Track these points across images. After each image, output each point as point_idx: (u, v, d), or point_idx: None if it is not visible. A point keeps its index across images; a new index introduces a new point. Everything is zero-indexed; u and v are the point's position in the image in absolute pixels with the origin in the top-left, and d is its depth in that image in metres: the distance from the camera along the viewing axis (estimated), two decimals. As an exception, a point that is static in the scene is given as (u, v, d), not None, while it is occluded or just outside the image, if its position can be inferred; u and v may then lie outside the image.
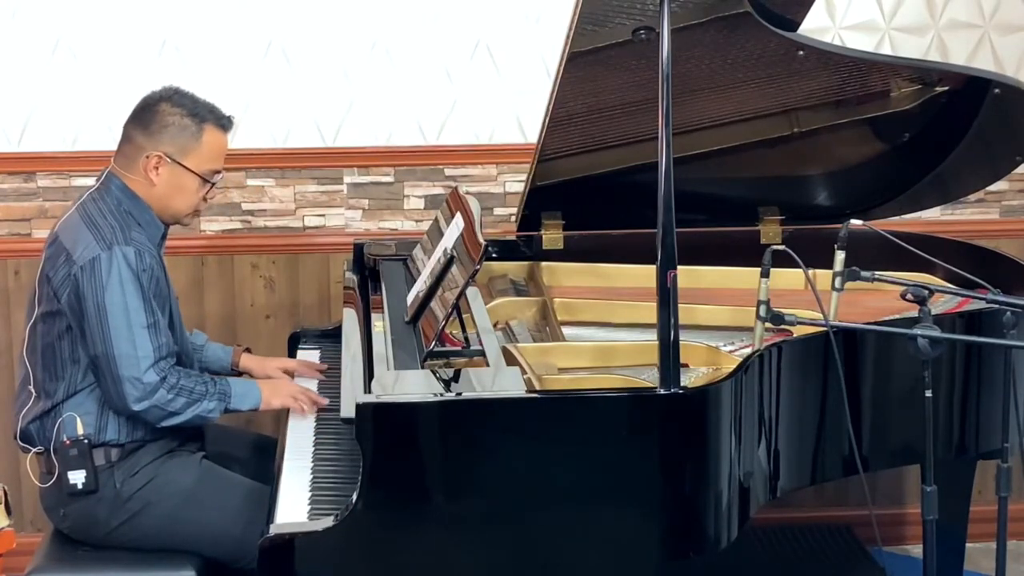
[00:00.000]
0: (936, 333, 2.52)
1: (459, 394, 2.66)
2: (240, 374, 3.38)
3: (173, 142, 2.99)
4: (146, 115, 3.01)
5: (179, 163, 2.99)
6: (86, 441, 2.92)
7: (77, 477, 2.93)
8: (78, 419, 2.94)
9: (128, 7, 3.79)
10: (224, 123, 3.05)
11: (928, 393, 2.55)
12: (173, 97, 3.03)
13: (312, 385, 3.25)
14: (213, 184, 3.05)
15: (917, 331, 2.53)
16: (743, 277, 3.45)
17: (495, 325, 3.11)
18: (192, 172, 3.00)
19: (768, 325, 2.78)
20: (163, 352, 2.92)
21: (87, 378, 2.95)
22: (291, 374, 3.33)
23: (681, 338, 2.64)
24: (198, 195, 3.04)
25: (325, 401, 3.10)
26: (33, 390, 3.01)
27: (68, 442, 2.92)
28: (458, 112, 3.92)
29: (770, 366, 2.81)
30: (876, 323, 3.00)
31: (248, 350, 3.44)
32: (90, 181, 3.11)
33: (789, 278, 3.08)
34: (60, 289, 2.93)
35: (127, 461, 2.97)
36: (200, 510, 2.96)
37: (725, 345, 3.08)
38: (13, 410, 3.10)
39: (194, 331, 3.41)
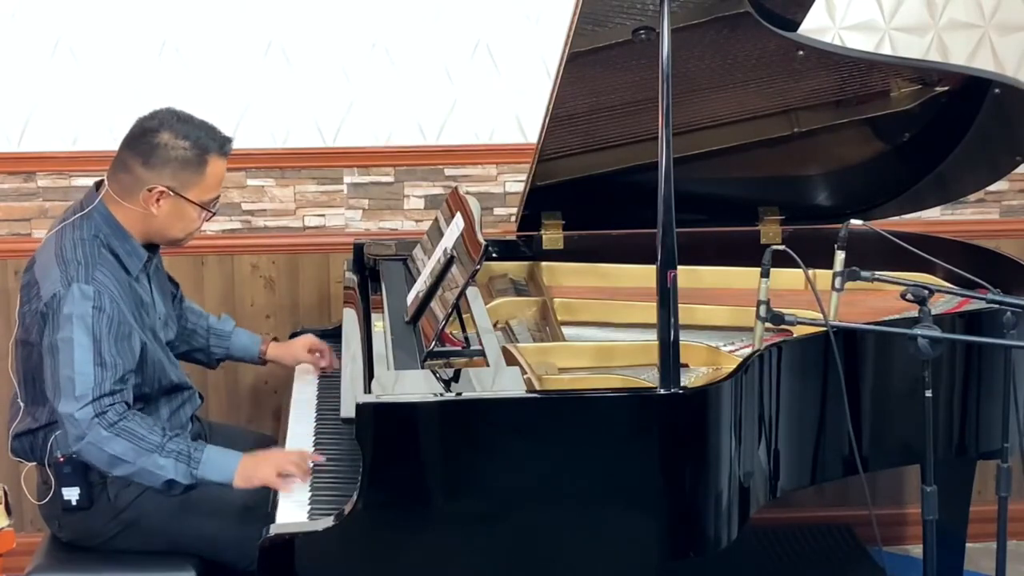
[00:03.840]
0: (936, 333, 2.53)
1: (459, 394, 2.66)
2: (265, 363, 3.46)
3: (176, 176, 2.91)
4: (145, 146, 2.92)
5: (182, 196, 2.93)
6: (79, 458, 2.88)
7: (72, 493, 2.91)
8: None
9: (128, 8, 3.79)
10: (226, 149, 2.98)
11: (928, 393, 2.56)
12: (174, 125, 2.92)
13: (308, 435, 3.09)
14: (214, 213, 3.01)
15: (917, 331, 2.53)
16: (743, 277, 3.45)
17: (495, 325, 3.11)
18: (194, 204, 2.95)
19: (768, 325, 2.78)
20: (104, 389, 2.80)
21: None
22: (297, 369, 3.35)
23: (681, 338, 2.64)
24: (197, 223, 2.99)
25: (321, 458, 2.85)
26: (22, 404, 3.00)
27: (62, 458, 2.90)
28: (458, 112, 3.92)
29: (770, 366, 2.81)
30: (876, 323, 3.00)
31: (275, 339, 3.49)
32: (90, 181, 3.10)
33: (789, 278, 3.09)
34: (31, 324, 2.91)
35: None
36: (197, 514, 2.94)
37: (725, 345, 3.08)
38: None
39: (223, 316, 3.47)
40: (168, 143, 2.91)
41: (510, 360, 2.85)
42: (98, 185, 3.02)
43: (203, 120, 2.99)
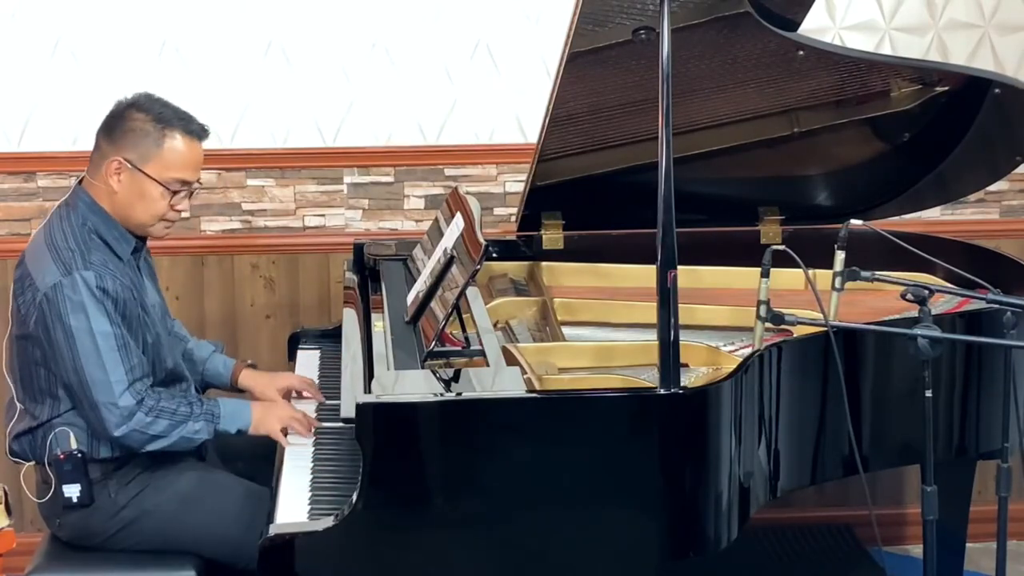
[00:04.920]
0: (936, 333, 2.53)
1: (459, 394, 2.66)
2: (241, 391, 3.29)
3: (134, 148, 2.91)
4: (112, 120, 2.96)
5: (139, 169, 2.90)
6: (80, 455, 2.89)
7: (72, 491, 2.90)
8: (71, 433, 2.90)
9: (128, 8, 3.79)
10: (194, 130, 2.95)
11: (928, 393, 2.55)
12: (141, 103, 2.95)
13: (311, 408, 3.16)
14: (176, 193, 2.94)
15: (917, 331, 2.53)
16: (743, 277, 3.45)
17: (495, 325, 3.11)
18: (153, 179, 2.91)
19: (768, 325, 2.78)
20: (136, 373, 2.87)
21: (67, 403, 2.92)
22: (288, 396, 3.23)
23: (681, 338, 2.64)
24: (161, 204, 2.94)
25: (319, 424, 3.00)
26: (19, 404, 2.99)
27: (62, 456, 2.90)
28: (458, 112, 3.92)
29: (770, 366, 2.81)
30: (876, 323, 3.00)
31: (252, 365, 3.36)
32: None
33: (789, 278, 3.08)
34: (27, 315, 2.90)
35: (121, 470, 2.95)
36: (197, 513, 2.95)
37: (725, 345, 3.08)
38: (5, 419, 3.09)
39: (201, 342, 3.36)
40: (131, 116, 2.94)
41: (510, 360, 2.85)
42: (81, 180, 3.03)
43: (181, 108, 2.99)
